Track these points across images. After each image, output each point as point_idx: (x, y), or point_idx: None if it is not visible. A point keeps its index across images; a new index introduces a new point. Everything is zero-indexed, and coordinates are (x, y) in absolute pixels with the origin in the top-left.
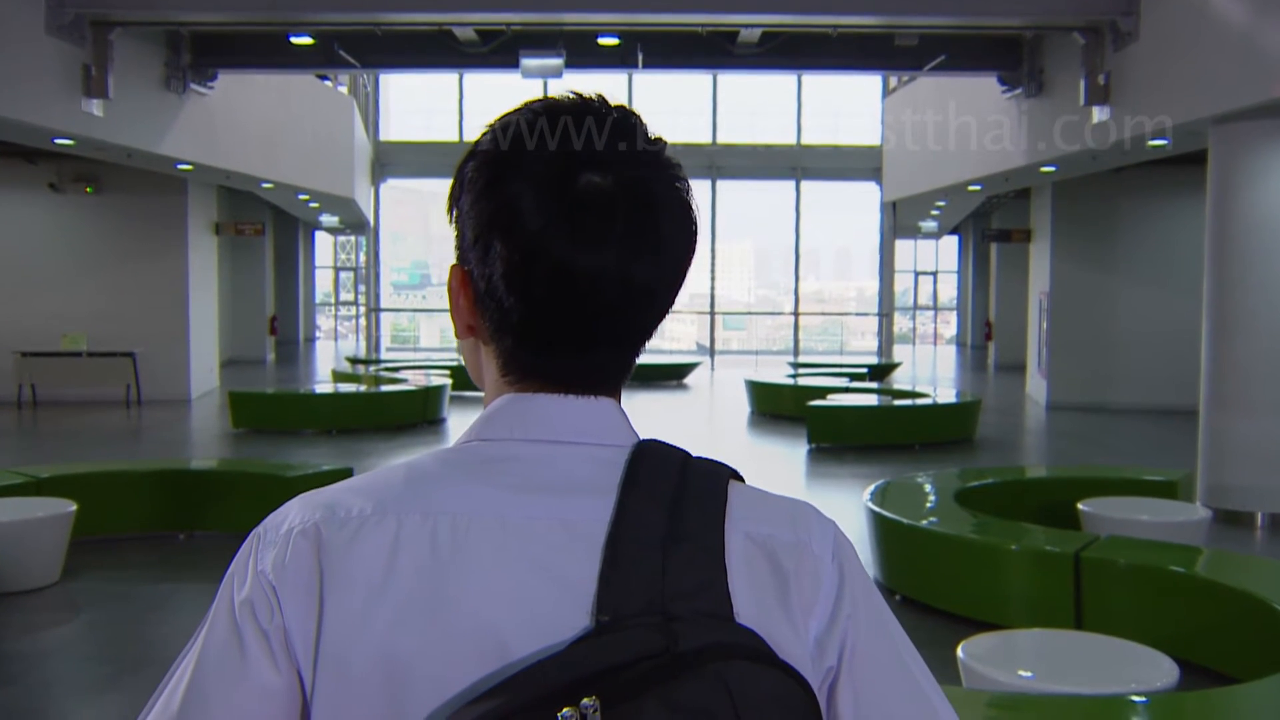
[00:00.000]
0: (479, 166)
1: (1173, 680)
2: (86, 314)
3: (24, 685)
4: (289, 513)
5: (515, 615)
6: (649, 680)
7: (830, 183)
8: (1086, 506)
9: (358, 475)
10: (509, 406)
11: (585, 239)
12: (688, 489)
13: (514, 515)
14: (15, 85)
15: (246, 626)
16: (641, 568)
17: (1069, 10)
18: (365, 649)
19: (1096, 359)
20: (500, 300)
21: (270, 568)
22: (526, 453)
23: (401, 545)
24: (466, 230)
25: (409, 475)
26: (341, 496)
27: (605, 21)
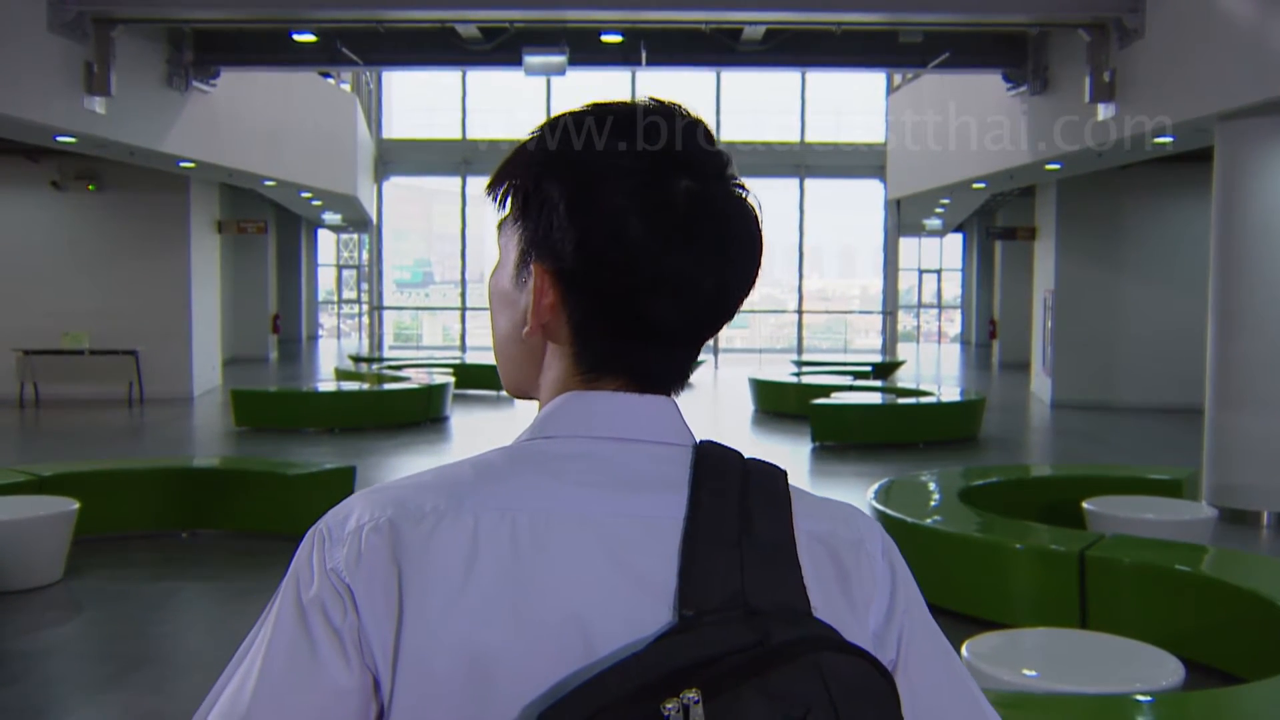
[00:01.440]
0: (570, 165)
1: (1178, 680)
2: (88, 312)
3: (26, 684)
4: (352, 510)
5: (598, 611)
6: (745, 672)
7: (834, 180)
8: (1091, 505)
9: (415, 472)
10: (572, 404)
11: (683, 243)
12: (751, 488)
13: (591, 511)
14: (17, 82)
15: (317, 626)
16: (720, 564)
17: (1074, 7)
18: (449, 648)
19: (1101, 357)
20: (598, 300)
21: (342, 566)
22: (596, 450)
23: (480, 542)
24: (559, 228)
25: (478, 471)
26: (411, 493)
27: (608, 18)
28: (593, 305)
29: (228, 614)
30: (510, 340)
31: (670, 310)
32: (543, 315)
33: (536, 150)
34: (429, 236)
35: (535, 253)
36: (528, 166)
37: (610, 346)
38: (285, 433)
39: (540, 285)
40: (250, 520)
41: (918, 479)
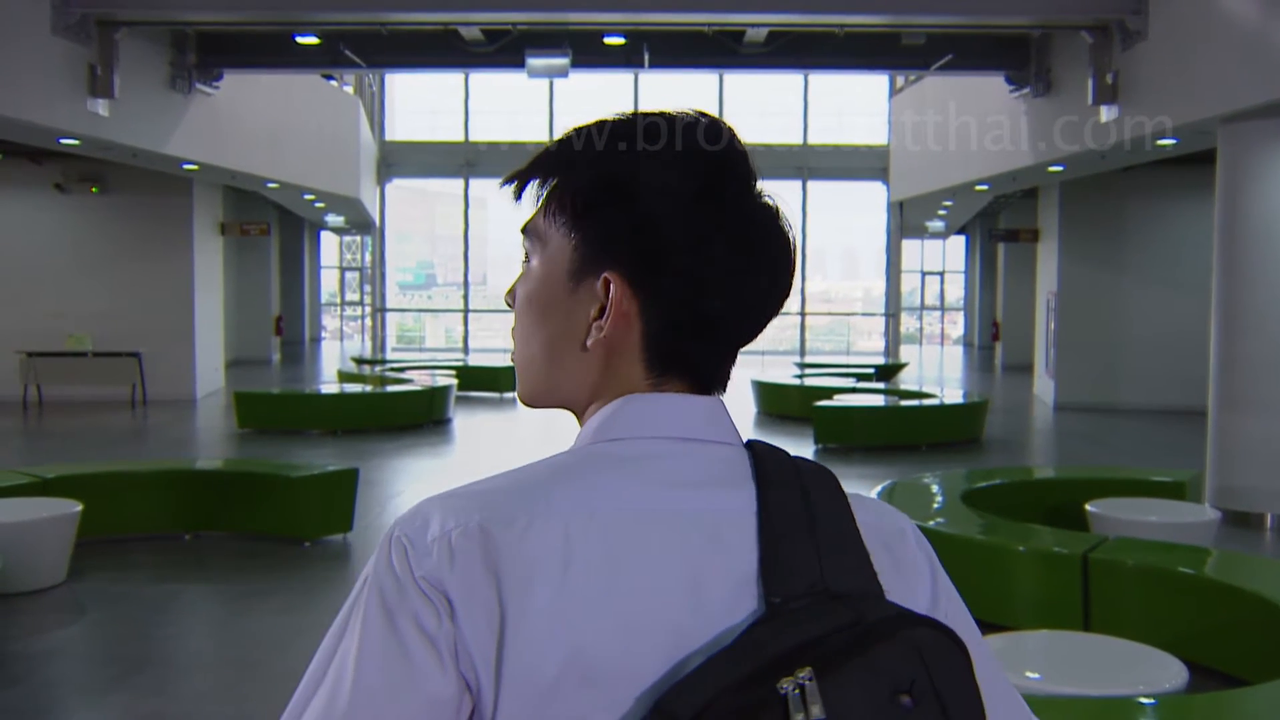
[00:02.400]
0: (641, 167)
1: (1181, 682)
2: (92, 314)
3: (30, 685)
4: (430, 515)
5: (688, 604)
6: (850, 650)
7: (837, 182)
8: (1094, 507)
9: (482, 479)
10: (635, 407)
11: (744, 247)
12: (808, 483)
13: (671, 508)
14: (21, 85)
15: (410, 635)
16: (798, 553)
17: (1077, 9)
18: (555, 653)
19: (1104, 359)
20: (671, 306)
21: (435, 574)
22: (666, 450)
23: (573, 543)
24: (637, 234)
25: (554, 474)
26: (494, 497)
27: (611, 21)
28: (666, 311)
29: (230, 616)
30: (555, 349)
31: (731, 313)
32: (619, 323)
33: (586, 150)
34: (431, 238)
35: (608, 259)
36: (582, 166)
37: (675, 350)
38: (288, 435)
39: (618, 293)
40: (253, 522)
41: (920, 481)
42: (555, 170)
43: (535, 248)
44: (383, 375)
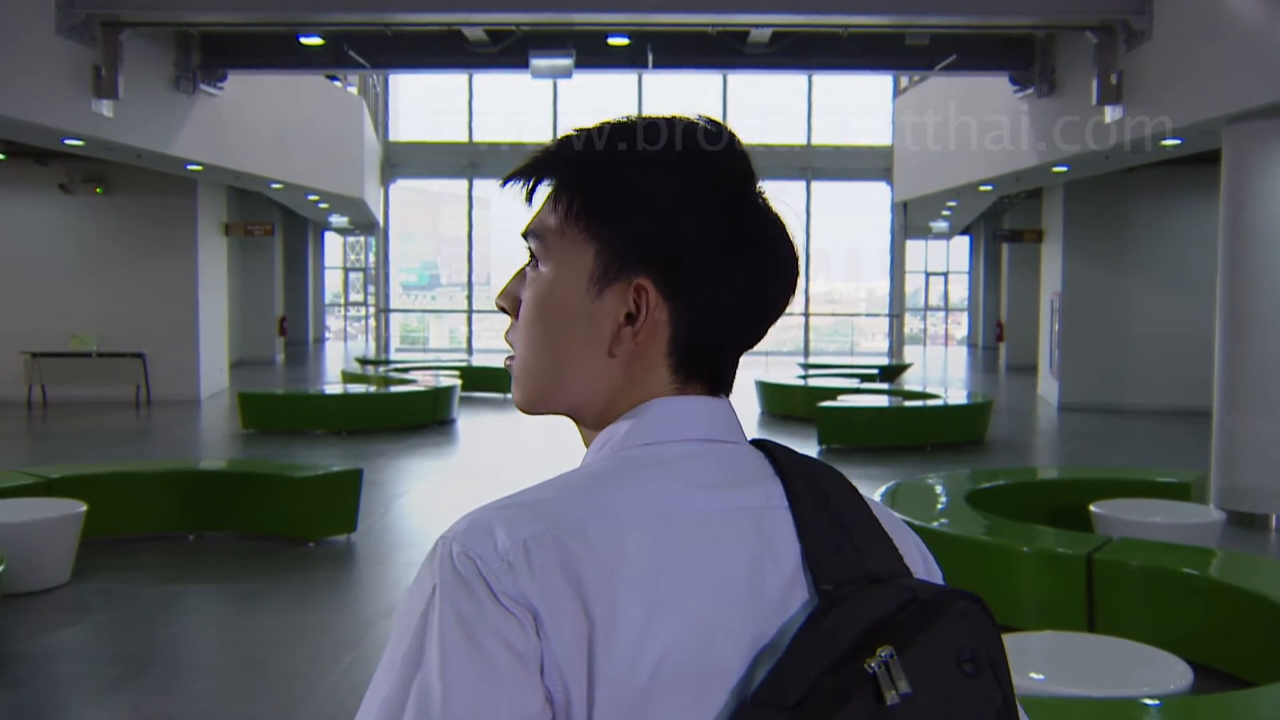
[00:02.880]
0: (668, 169)
1: (1186, 683)
2: (96, 314)
3: (33, 686)
4: (492, 528)
5: (751, 599)
6: (917, 625)
7: (841, 183)
8: (1099, 508)
9: (524, 489)
10: (663, 410)
11: (760, 249)
12: (820, 477)
13: (721, 507)
14: (25, 86)
15: (499, 656)
16: (837, 542)
17: (1081, 9)
18: (646, 657)
19: (1109, 360)
20: (698, 310)
21: (516, 589)
22: (698, 451)
23: (640, 550)
24: (669, 237)
25: (603, 480)
26: (555, 506)
27: (615, 21)
28: (694, 317)
29: (235, 616)
30: (574, 356)
31: (750, 316)
32: (652, 329)
33: (602, 153)
34: (436, 239)
35: (637, 266)
36: (601, 169)
37: (699, 355)
38: (292, 435)
39: (652, 299)
40: (257, 523)
41: (925, 482)
42: (568, 173)
43: (546, 252)
44: (387, 376)
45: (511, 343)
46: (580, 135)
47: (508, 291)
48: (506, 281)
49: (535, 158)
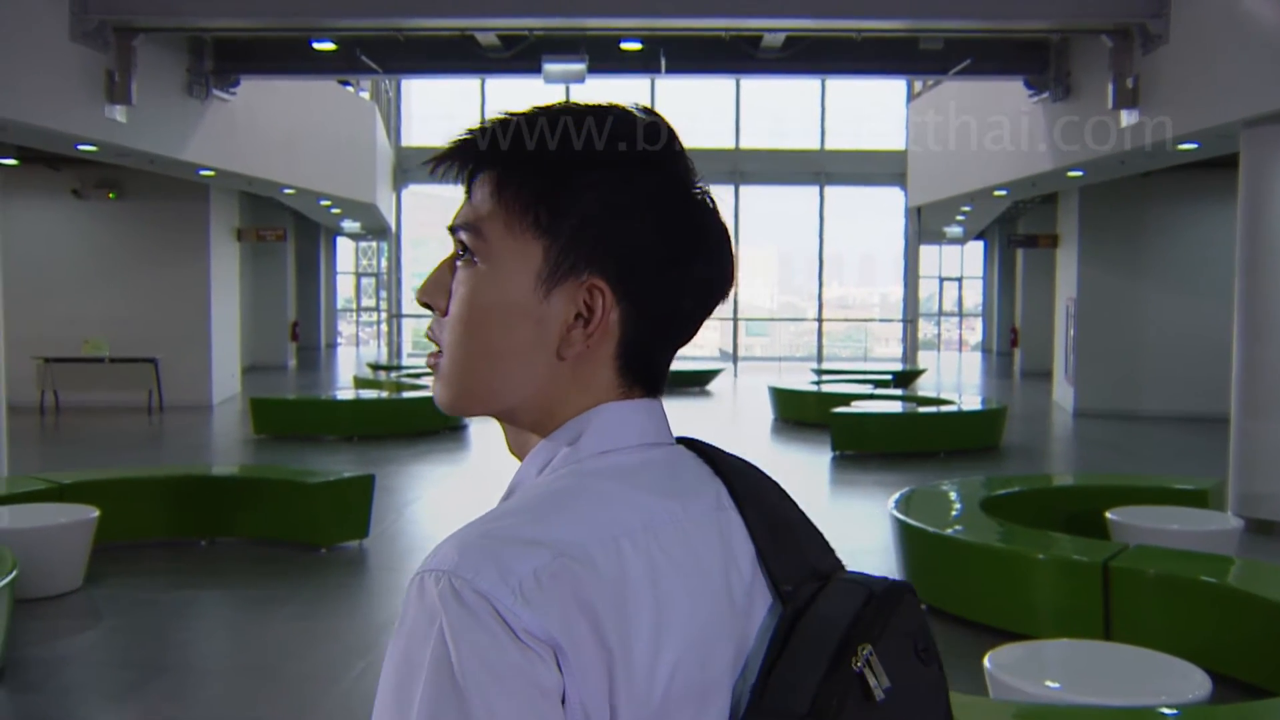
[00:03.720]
0: (618, 167)
1: (1205, 693)
2: (109, 320)
3: (46, 692)
4: (492, 559)
5: (729, 605)
6: (881, 620)
7: (854, 188)
8: (1115, 515)
9: (506, 509)
10: (612, 416)
11: (706, 246)
12: (750, 475)
13: (690, 517)
14: (39, 92)
15: (530, 697)
16: (783, 541)
17: (1097, 13)
18: (660, 675)
19: (1124, 365)
20: (647, 310)
21: (535, 624)
22: (648, 457)
23: (639, 569)
24: (623, 237)
25: (580, 498)
26: (549, 529)
27: (628, 26)
28: (644, 318)
29: (246, 622)
30: (517, 357)
31: (696, 315)
32: (604, 330)
33: (560, 142)
34: (448, 244)
35: (590, 266)
36: (557, 161)
37: (645, 356)
38: (304, 441)
39: (605, 299)
40: (269, 528)
41: (939, 488)
42: (516, 165)
43: (487, 248)
44: (399, 381)
45: (437, 339)
46: (519, 122)
47: (435, 286)
48: (430, 274)
49: (468, 144)
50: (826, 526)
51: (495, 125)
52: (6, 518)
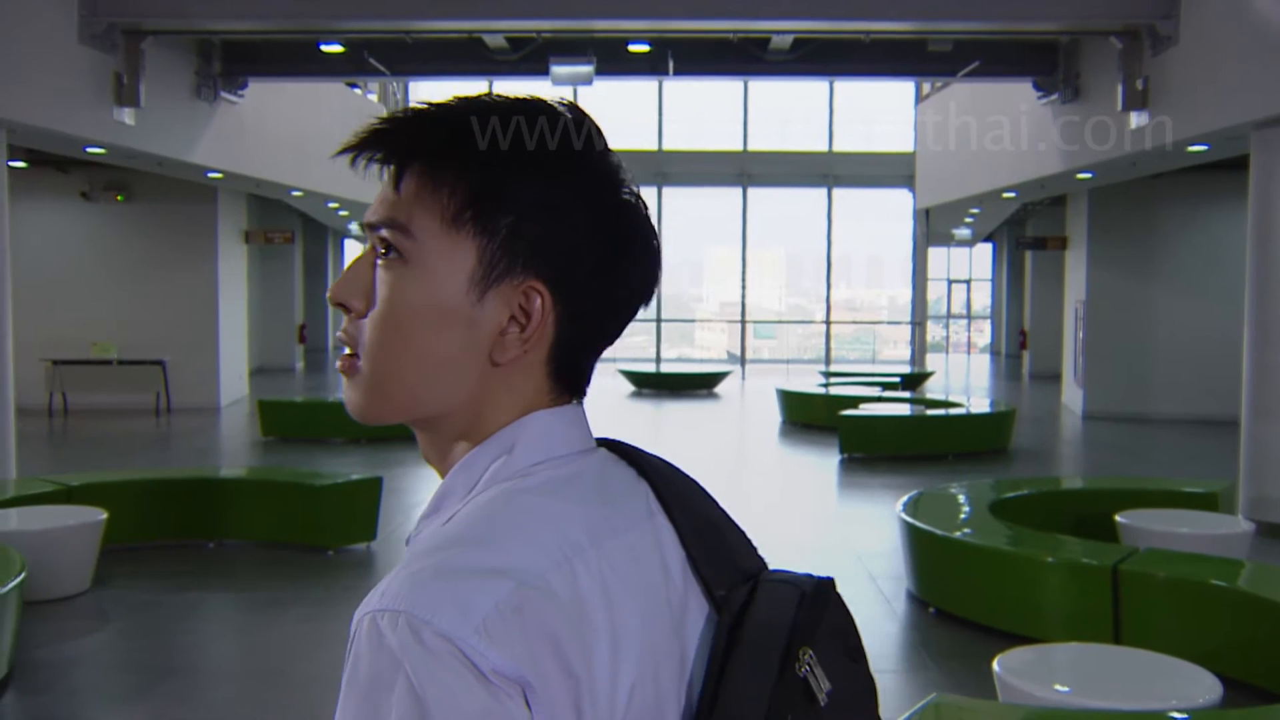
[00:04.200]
0: (553, 167)
1: (1216, 697)
2: (117, 322)
3: (54, 693)
4: (451, 597)
5: (668, 619)
6: (816, 621)
7: (862, 190)
8: (1124, 519)
9: (452, 535)
10: (545, 425)
11: (637, 249)
12: (675, 477)
13: (630, 529)
14: (48, 94)
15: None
16: (711, 544)
17: (1106, 14)
18: (620, 698)
19: (1134, 368)
20: (582, 314)
21: (504, 664)
22: (588, 467)
23: (592, 590)
24: (560, 239)
25: (526, 518)
26: (501, 556)
27: (636, 28)
28: (579, 321)
29: (254, 624)
30: (447, 363)
31: (623, 318)
32: (537, 338)
33: (492, 138)
34: None
35: (528, 268)
36: (492, 158)
37: (575, 361)
38: (312, 443)
39: (543, 302)
40: (277, 531)
41: (947, 491)
42: (447, 160)
43: (415, 247)
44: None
45: (351, 342)
46: (448, 114)
47: (351, 285)
48: (345, 272)
49: (394, 134)
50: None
51: (423, 116)
52: (15, 520)
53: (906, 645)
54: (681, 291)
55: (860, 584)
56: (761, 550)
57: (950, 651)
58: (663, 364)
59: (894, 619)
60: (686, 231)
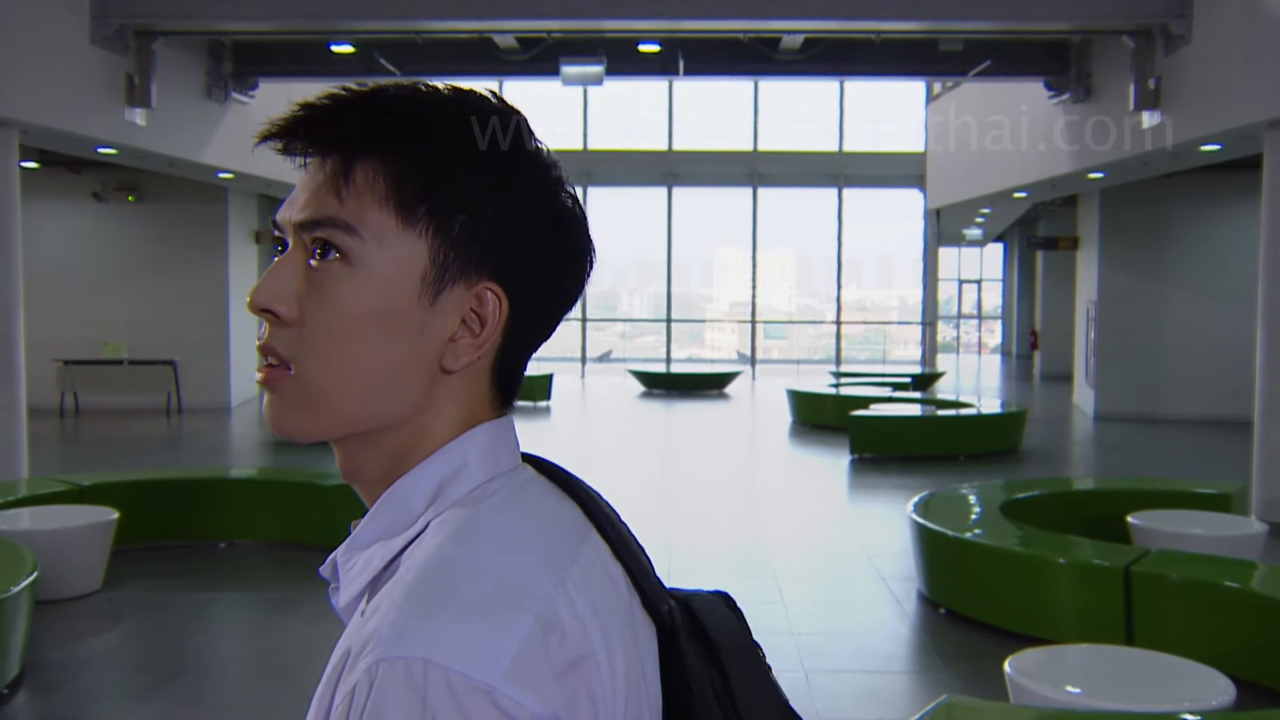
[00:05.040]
0: (507, 169)
1: (1229, 699)
2: (128, 322)
3: (65, 693)
4: (478, 636)
5: (632, 633)
6: (734, 632)
7: (873, 190)
8: (1136, 520)
9: (442, 565)
10: (492, 438)
11: (581, 253)
12: (587, 489)
13: (577, 544)
14: (60, 95)
15: None
16: (636, 557)
17: (1118, 13)
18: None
19: (1146, 369)
20: (530, 319)
21: (539, 709)
22: (526, 482)
23: (588, 612)
24: (519, 243)
25: (511, 540)
26: (505, 591)
27: (646, 28)
28: (524, 324)
29: (265, 624)
30: (397, 371)
31: (558, 323)
32: (489, 344)
33: (466, 134)
34: None
35: (482, 270)
36: (451, 153)
37: (516, 366)
38: (322, 443)
39: (500, 306)
40: (287, 531)
41: (958, 492)
42: (399, 154)
43: (363, 247)
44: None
45: (278, 353)
46: (391, 101)
47: (281, 290)
48: (271, 275)
49: (327, 122)
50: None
51: (369, 102)
52: (26, 519)
53: (917, 646)
54: (691, 292)
55: (871, 585)
56: (773, 551)
57: (961, 652)
58: (673, 364)
59: (905, 620)
60: (696, 232)
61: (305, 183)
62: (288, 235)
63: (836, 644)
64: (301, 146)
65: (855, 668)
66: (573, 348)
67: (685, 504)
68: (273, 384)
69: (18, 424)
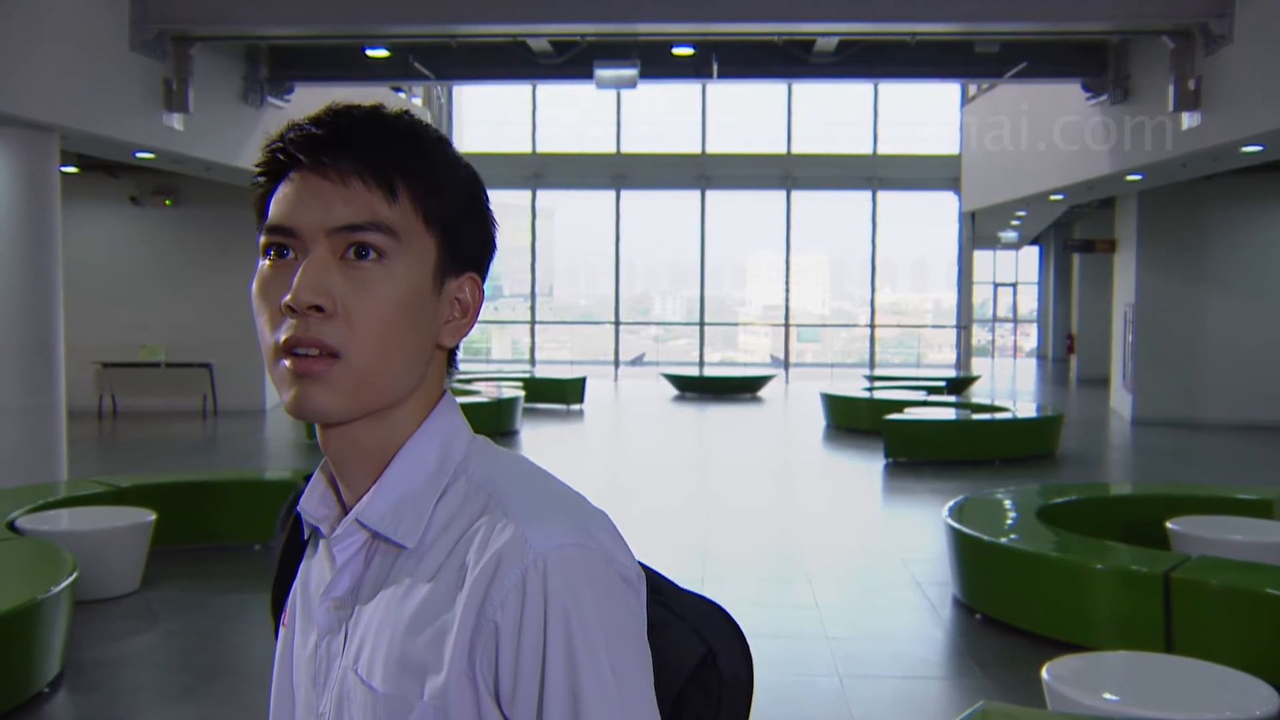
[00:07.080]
0: (477, 177)
1: (1272, 708)
2: (165, 325)
3: (104, 693)
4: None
5: None
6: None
7: (907, 193)
8: (1176, 525)
9: (530, 485)
10: (455, 403)
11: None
12: None
13: None
14: (100, 100)
15: None
16: None
17: (1158, 13)
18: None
19: (1185, 373)
20: (480, 305)
21: (635, 573)
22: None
23: None
24: (490, 239)
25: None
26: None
27: (680, 32)
28: (477, 308)
29: None
30: (417, 353)
31: None
32: (470, 325)
33: (450, 153)
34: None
35: (468, 262)
36: (447, 163)
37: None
38: None
39: (476, 296)
40: None
41: (994, 497)
42: (422, 168)
43: (398, 247)
44: (450, 386)
45: (322, 343)
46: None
47: (324, 288)
48: (314, 274)
49: (364, 142)
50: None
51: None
52: (66, 520)
53: (953, 652)
54: (725, 295)
55: (906, 589)
56: (807, 555)
57: (997, 658)
58: (706, 367)
59: (940, 625)
60: (730, 235)
61: (328, 191)
62: (305, 238)
63: (871, 649)
64: (352, 165)
65: (890, 673)
66: (606, 351)
67: (719, 507)
68: (318, 373)
69: (58, 426)
